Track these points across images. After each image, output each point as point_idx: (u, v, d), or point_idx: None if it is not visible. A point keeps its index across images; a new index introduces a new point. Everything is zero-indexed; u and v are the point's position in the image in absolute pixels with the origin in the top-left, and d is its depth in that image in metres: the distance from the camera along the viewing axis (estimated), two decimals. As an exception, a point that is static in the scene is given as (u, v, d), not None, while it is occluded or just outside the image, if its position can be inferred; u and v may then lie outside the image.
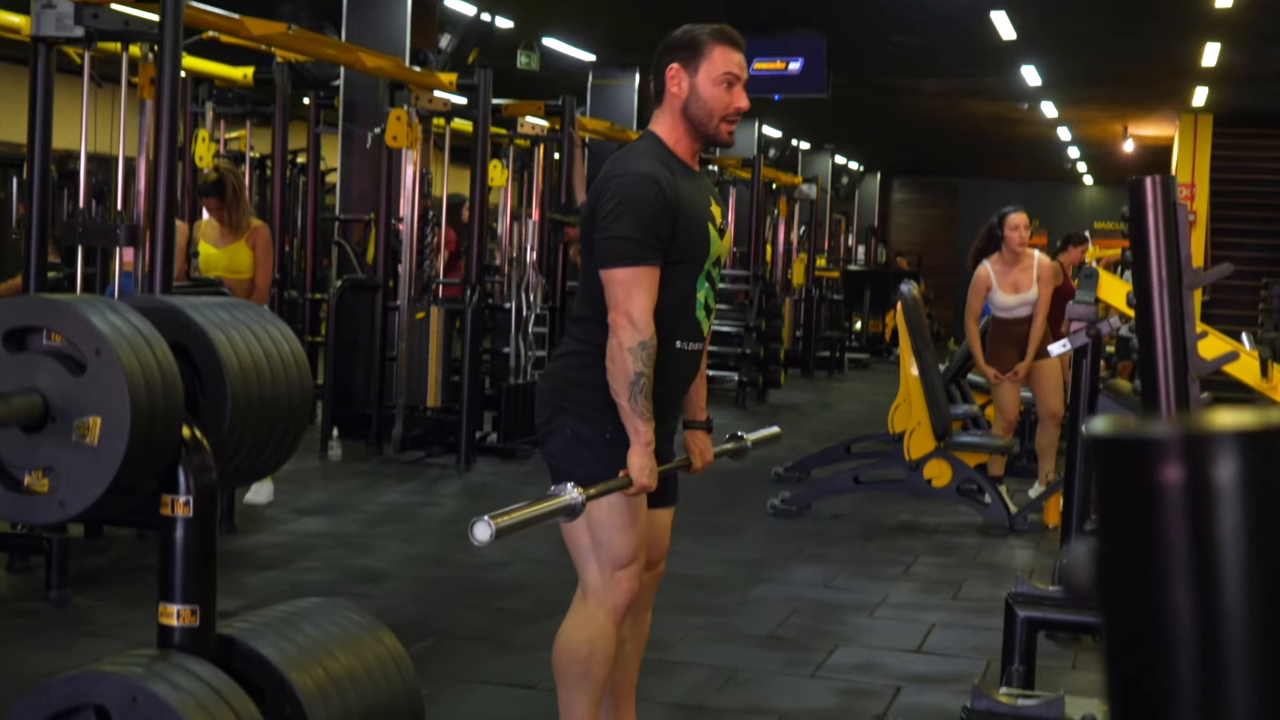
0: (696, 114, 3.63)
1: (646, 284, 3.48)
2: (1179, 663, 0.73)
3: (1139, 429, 0.75)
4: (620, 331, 3.45)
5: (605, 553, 3.58)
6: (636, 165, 3.55)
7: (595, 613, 3.62)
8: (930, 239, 30.39)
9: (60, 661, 4.62)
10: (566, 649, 3.66)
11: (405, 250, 9.96)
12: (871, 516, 8.48)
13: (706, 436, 3.94)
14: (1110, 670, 0.77)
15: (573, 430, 3.56)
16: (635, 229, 3.46)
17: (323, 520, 7.67)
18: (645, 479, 3.49)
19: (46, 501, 2.44)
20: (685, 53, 3.62)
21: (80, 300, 2.49)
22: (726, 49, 3.63)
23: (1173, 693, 0.73)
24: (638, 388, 3.45)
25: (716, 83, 3.61)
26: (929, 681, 5.13)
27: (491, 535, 2.94)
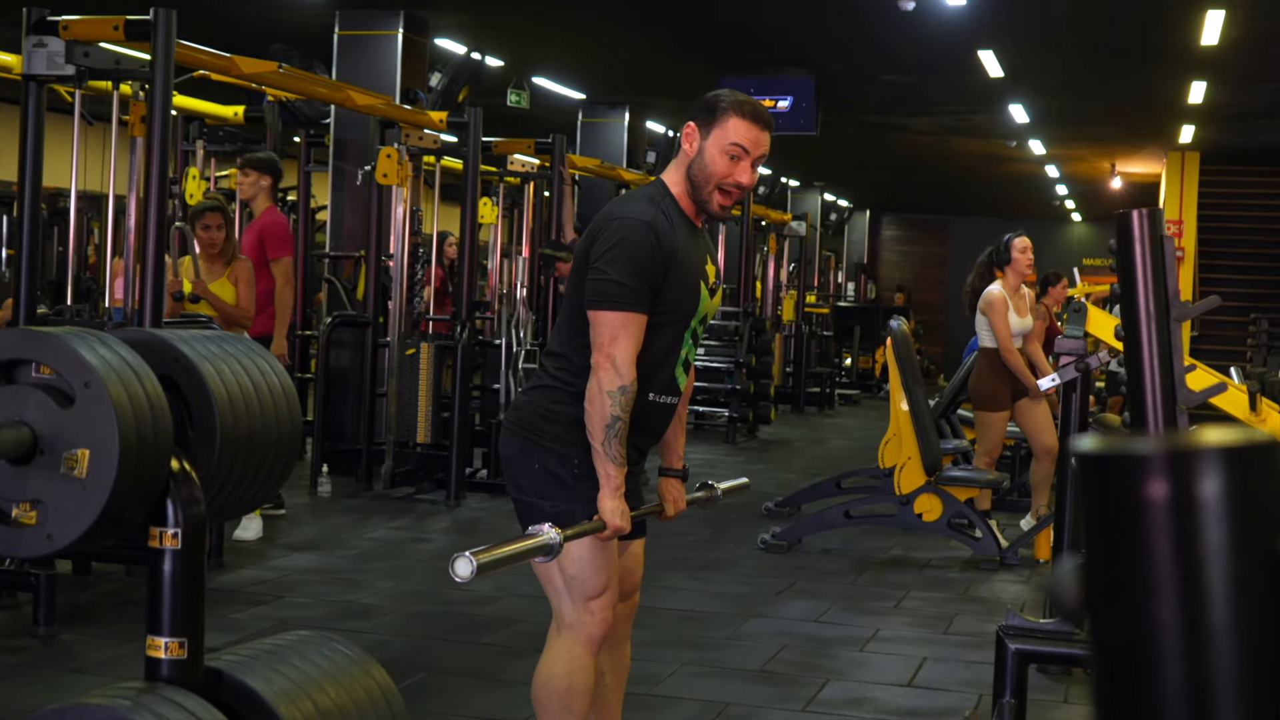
0: (696, 175, 3.66)
1: (633, 330, 3.51)
2: (1166, 678, 0.74)
3: (1124, 446, 0.75)
4: (601, 374, 3.48)
5: (577, 585, 3.60)
6: (637, 211, 3.58)
7: (571, 645, 3.64)
8: (920, 276, 30.47)
9: (47, 698, 4.59)
10: (545, 683, 3.67)
11: (395, 287, 9.97)
12: (862, 551, 8.47)
13: (680, 484, 3.97)
14: (1098, 687, 0.77)
15: (541, 464, 3.59)
16: (628, 274, 3.49)
17: (312, 556, 7.65)
18: (618, 521, 3.53)
19: (34, 534, 2.43)
20: (704, 115, 3.65)
21: (69, 333, 2.49)
22: (743, 122, 3.64)
23: (1160, 708, 0.74)
24: (613, 431, 3.49)
25: (723, 151, 3.63)
26: (920, 716, 5.12)
27: (472, 572, 2.97)
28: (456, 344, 9.68)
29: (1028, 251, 8.42)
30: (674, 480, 3.95)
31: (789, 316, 18.51)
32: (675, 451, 3.95)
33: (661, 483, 3.95)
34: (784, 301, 18.55)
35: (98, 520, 2.39)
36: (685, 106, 16.73)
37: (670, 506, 3.92)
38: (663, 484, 3.95)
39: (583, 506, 3.55)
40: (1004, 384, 8.44)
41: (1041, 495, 8.60)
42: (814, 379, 19.14)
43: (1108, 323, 6.91)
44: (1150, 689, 0.74)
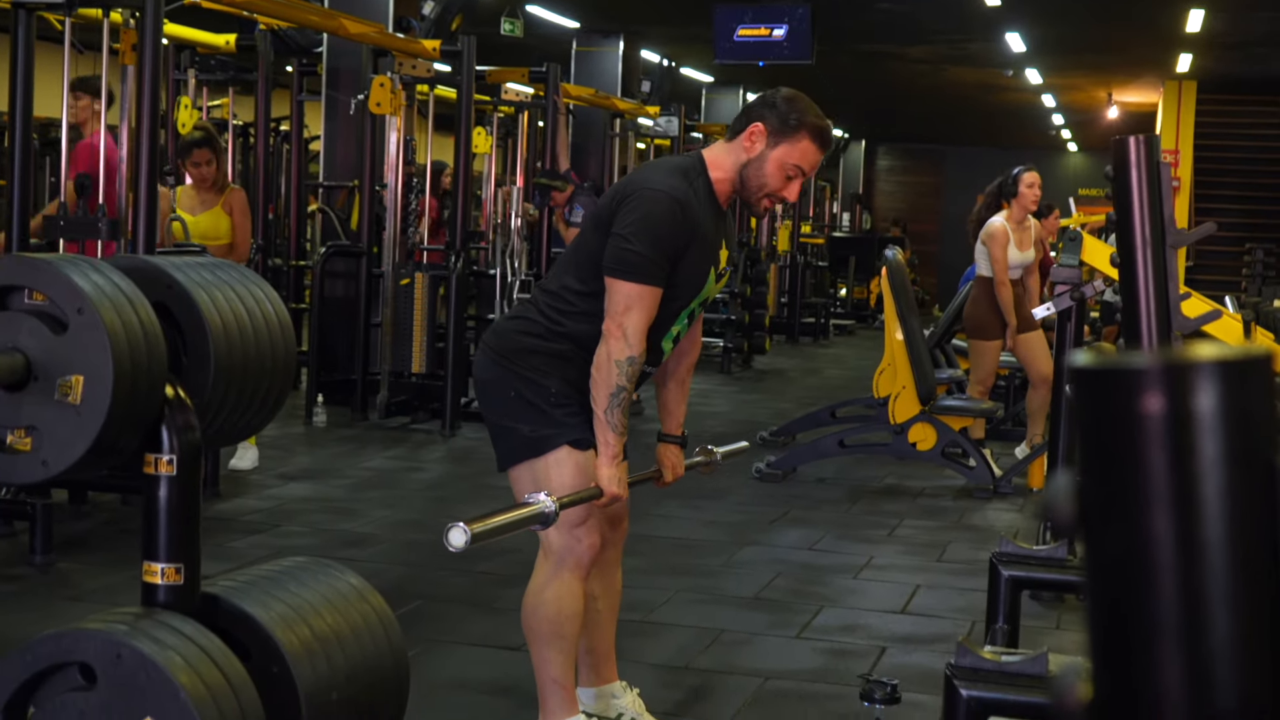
0: (749, 178, 3.65)
1: (648, 302, 3.53)
2: (1159, 591, 0.74)
3: (1120, 360, 0.75)
4: (612, 342, 3.51)
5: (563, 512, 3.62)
6: (670, 185, 3.57)
7: (559, 571, 3.67)
8: (915, 206, 30.37)
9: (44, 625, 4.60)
10: (535, 609, 3.71)
11: (389, 217, 9.94)
12: (856, 480, 8.50)
13: (679, 450, 4.01)
14: (1092, 601, 0.77)
15: (517, 392, 3.62)
16: (651, 247, 3.50)
17: (307, 485, 7.67)
18: (615, 489, 3.59)
19: (29, 460, 2.43)
20: (778, 123, 3.62)
21: (62, 259, 2.48)
22: (813, 146, 3.65)
23: (1154, 621, 0.74)
24: (616, 401, 3.53)
25: (784, 167, 3.64)
26: (913, 642, 5.15)
27: (467, 541, 3.03)
28: (451, 274, 9.66)
29: (1035, 187, 8.43)
30: (673, 446, 4.00)
31: (784, 247, 18.47)
32: (676, 419, 3.99)
33: (660, 449, 3.99)
34: (779, 232, 18.50)
35: (92, 446, 2.38)
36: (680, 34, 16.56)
37: (668, 472, 3.98)
38: (661, 450, 3.99)
39: (559, 432, 3.59)
40: (997, 313, 8.45)
41: (1037, 423, 8.63)
42: (809, 309, 19.13)
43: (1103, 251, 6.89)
44: (1144, 602, 0.74)
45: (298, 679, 2.51)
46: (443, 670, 4.60)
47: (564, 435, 3.61)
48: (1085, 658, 0.79)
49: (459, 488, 7.60)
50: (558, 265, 3.80)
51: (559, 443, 3.60)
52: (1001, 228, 8.43)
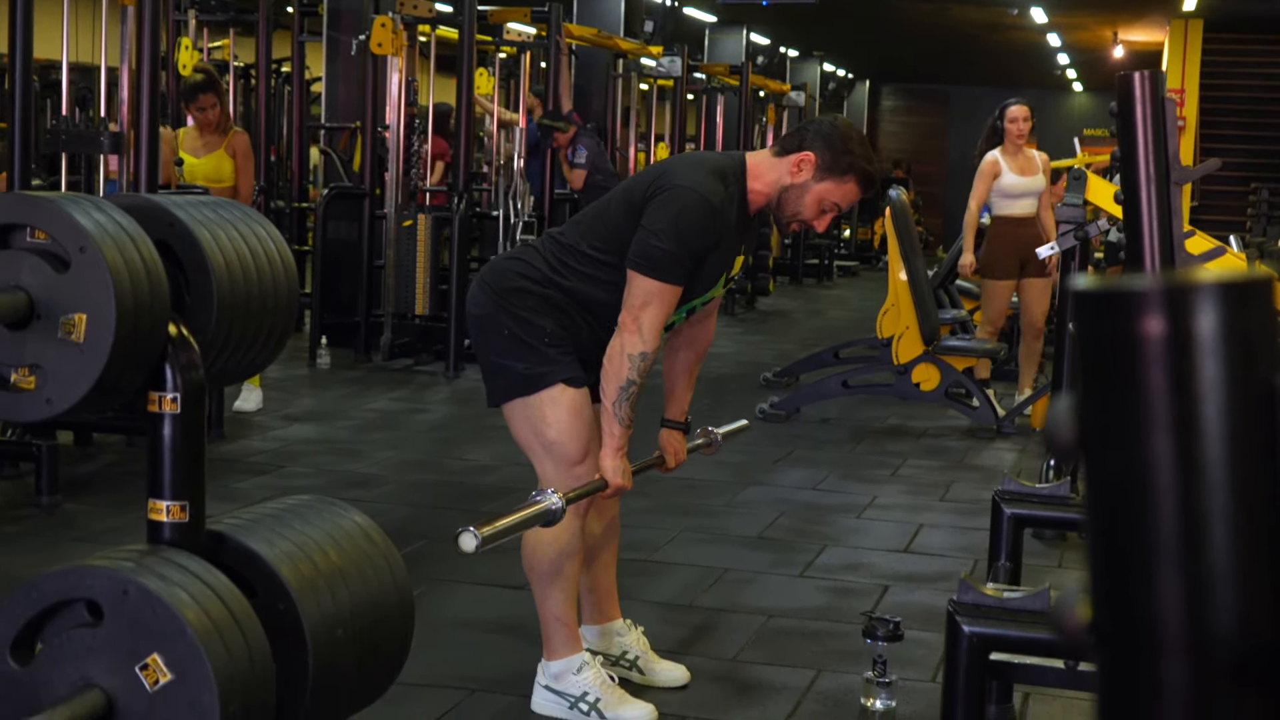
0: (786, 201, 3.66)
1: (667, 300, 3.54)
2: (1159, 514, 0.74)
3: (1122, 282, 0.75)
4: (626, 335, 3.52)
5: (558, 450, 3.64)
6: (708, 187, 3.55)
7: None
8: (919, 147, 30.26)
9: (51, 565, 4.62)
10: (535, 549, 3.74)
11: (391, 158, 9.91)
12: (860, 420, 8.51)
13: (681, 436, 4.03)
14: (1092, 524, 0.78)
15: (510, 331, 3.62)
16: (679, 247, 3.50)
17: (312, 427, 7.68)
18: (619, 480, 3.63)
19: (33, 399, 2.43)
20: (831, 158, 3.61)
21: (63, 197, 2.47)
22: (856, 189, 3.67)
23: (1153, 543, 0.74)
24: (626, 394, 3.55)
25: (822, 202, 3.65)
26: (916, 580, 5.17)
27: (477, 545, 3.04)
28: (454, 215, 9.64)
29: (1017, 121, 8.39)
30: (676, 432, 4.02)
31: (787, 188, 18.38)
32: (680, 405, 4.01)
33: (663, 434, 4.01)
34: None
35: (96, 384, 2.39)
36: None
37: (671, 458, 4.01)
38: (664, 435, 4.01)
39: (552, 369, 3.60)
40: (1010, 253, 8.41)
41: (1027, 373, 8.62)
42: (812, 251, 19.09)
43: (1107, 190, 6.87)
44: (1143, 523, 0.74)
45: (303, 615, 2.53)
46: (447, 609, 4.62)
47: (559, 373, 3.62)
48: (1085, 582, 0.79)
49: (463, 429, 7.61)
50: (574, 222, 3.79)
51: (554, 380, 3.61)
52: (990, 161, 8.45)
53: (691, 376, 4.01)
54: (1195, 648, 0.74)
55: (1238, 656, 0.74)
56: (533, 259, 3.70)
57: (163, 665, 2.29)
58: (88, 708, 2.29)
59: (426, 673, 3.88)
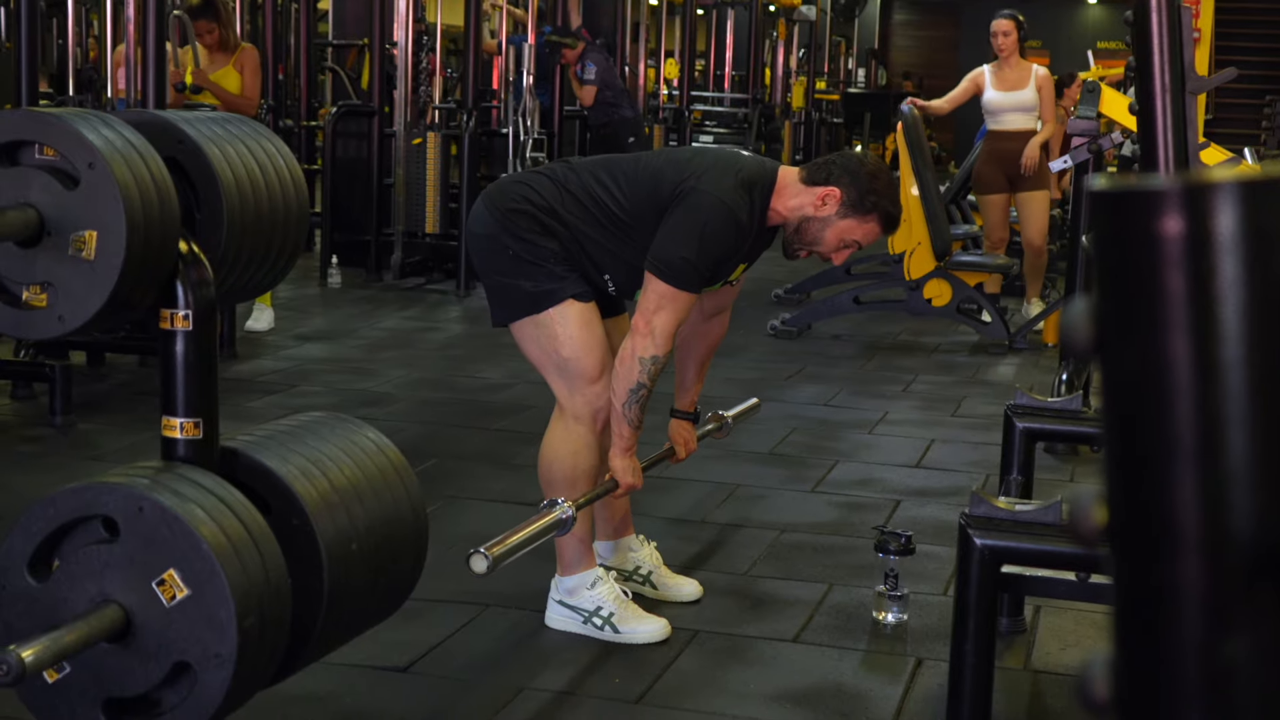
0: (805, 231, 3.66)
1: (682, 307, 3.53)
2: (1177, 414, 0.73)
3: (1140, 182, 0.74)
4: (639, 339, 3.51)
5: (572, 366, 3.65)
6: (735, 200, 3.54)
7: (574, 426, 3.70)
8: (931, 61, 29.96)
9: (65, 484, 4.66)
10: (551, 464, 3.75)
11: (400, 76, 9.85)
12: (871, 336, 8.51)
13: (690, 426, 4.06)
14: (1108, 427, 0.77)
15: (515, 252, 3.61)
16: (699, 256, 3.49)
17: (324, 346, 7.70)
18: (630, 479, 3.66)
19: (45, 316, 2.43)
20: (855, 197, 3.61)
21: (72, 114, 2.46)
22: (878, 229, 3.68)
23: (1171, 444, 0.74)
24: (636, 396, 3.55)
25: (843, 239, 3.65)
26: (927, 495, 5.19)
27: (488, 566, 3.10)
28: (463, 133, 9.59)
29: (998, 36, 8.42)
30: (685, 423, 4.05)
31: (798, 103, 18.28)
32: (690, 396, 4.04)
33: (672, 425, 4.05)
34: (793, 88, 18.31)
35: (108, 301, 2.39)
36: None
37: (681, 449, 4.04)
38: (673, 426, 4.05)
39: (560, 286, 3.60)
40: (996, 168, 8.49)
41: (1033, 285, 8.65)
42: (823, 167, 18.97)
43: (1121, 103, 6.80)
44: (1160, 424, 0.74)
45: (317, 531, 2.54)
46: (461, 526, 4.65)
47: (567, 289, 3.61)
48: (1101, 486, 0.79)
49: (474, 346, 7.61)
50: (594, 164, 3.77)
51: (563, 296, 3.61)
52: (976, 73, 8.60)
53: (703, 369, 4.03)
54: (1211, 548, 0.74)
55: (1254, 557, 0.74)
56: (540, 185, 3.67)
57: (179, 580, 2.31)
58: (106, 622, 2.31)
59: (440, 589, 3.90)
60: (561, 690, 3.48)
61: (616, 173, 3.68)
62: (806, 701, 3.42)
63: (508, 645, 3.75)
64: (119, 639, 2.34)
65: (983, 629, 2.92)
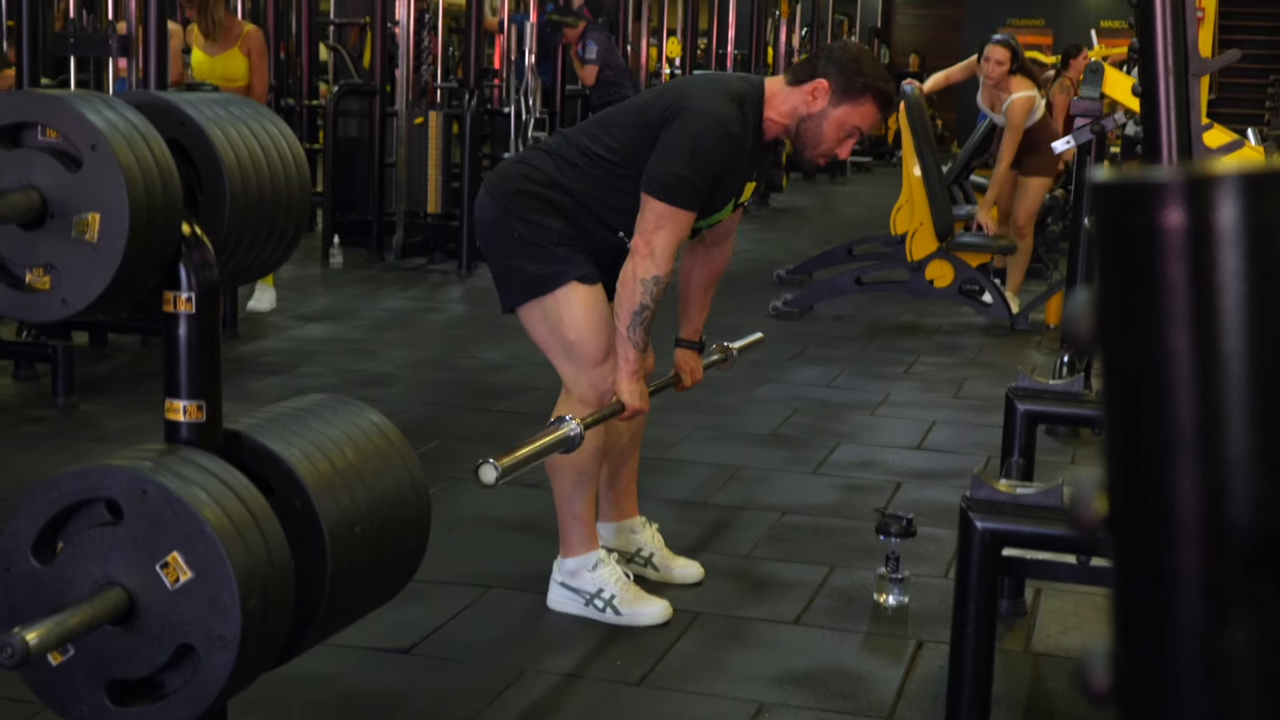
0: (806, 132, 3.63)
1: (682, 225, 3.52)
2: (1178, 405, 0.74)
3: (1141, 175, 0.74)
4: (639, 259, 3.50)
5: (579, 349, 3.65)
6: (726, 113, 3.53)
7: (579, 409, 3.70)
8: (934, 40, 29.89)
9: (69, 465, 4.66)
10: None
11: (402, 55, 9.84)
12: (873, 317, 8.51)
13: (696, 355, 4.06)
14: (1109, 417, 0.78)
15: (520, 234, 3.62)
16: (693, 172, 3.48)
17: (326, 326, 7.70)
18: (637, 403, 3.64)
19: (49, 299, 2.44)
20: (844, 83, 3.58)
21: (74, 95, 2.46)
22: (875, 109, 3.63)
23: (1170, 434, 0.74)
24: (639, 318, 3.54)
25: (842, 128, 3.62)
26: (929, 477, 5.20)
27: (497, 476, 3.09)
28: (465, 112, 9.58)
29: (989, 61, 8.32)
30: (690, 352, 4.05)
31: (801, 84, 18.23)
32: (695, 325, 4.03)
33: (678, 353, 4.04)
34: (796, 68, 18.26)
35: (111, 284, 2.38)
36: None
37: (687, 377, 4.04)
38: (679, 355, 4.03)
39: (564, 268, 3.60)
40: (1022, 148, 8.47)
41: (1014, 277, 8.56)
42: (826, 147, 18.95)
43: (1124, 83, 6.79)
44: (1161, 415, 0.74)
45: (320, 513, 2.54)
46: (463, 507, 4.65)
47: (571, 271, 3.61)
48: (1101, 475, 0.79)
49: (476, 327, 7.62)
50: (584, 124, 3.79)
51: (567, 279, 3.61)
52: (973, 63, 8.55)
53: (707, 296, 4.02)
54: (1211, 537, 0.75)
55: (1254, 545, 0.75)
56: (538, 161, 3.69)
57: (183, 563, 2.31)
58: (110, 605, 2.32)
59: (443, 570, 3.91)
60: (564, 672, 3.49)
61: (605, 123, 3.70)
62: (807, 683, 3.43)
63: (510, 627, 3.76)
64: (123, 621, 2.35)
65: (983, 612, 2.93)
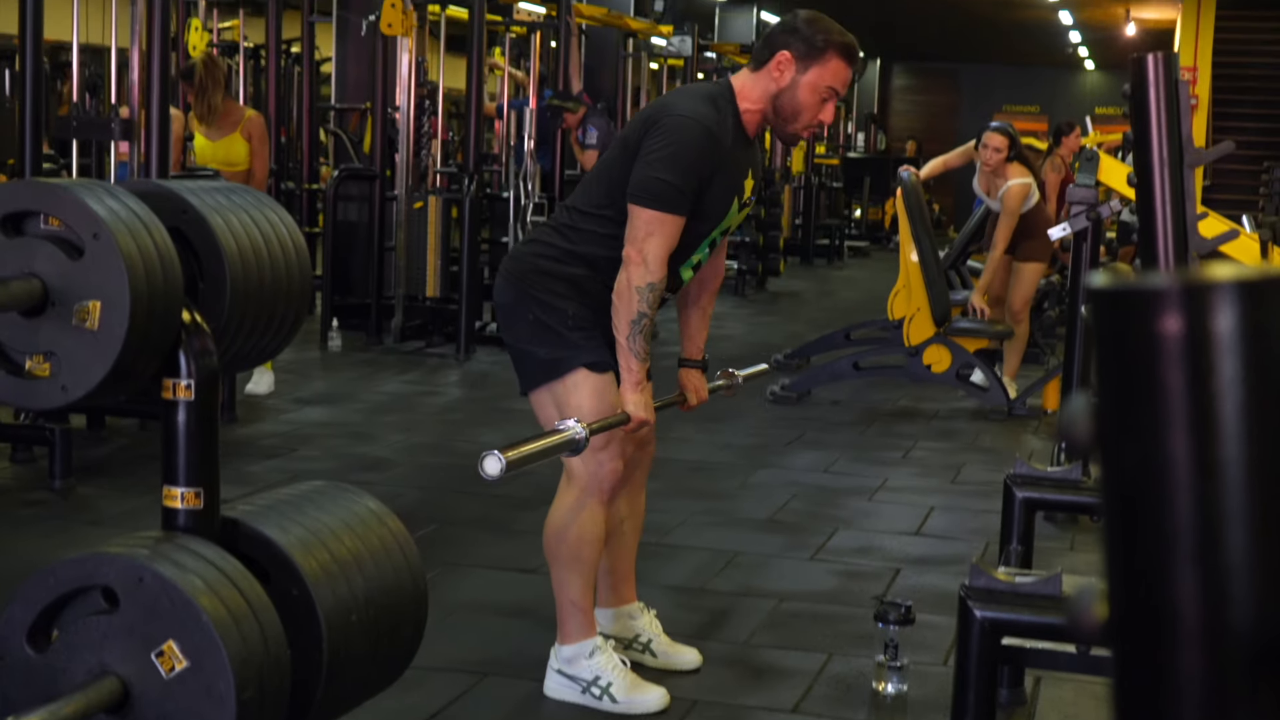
0: (784, 107, 3.63)
1: (670, 230, 3.52)
2: (1177, 512, 0.74)
3: (1138, 281, 0.75)
4: (632, 268, 3.50)
5: None
6: (700, 112, 3.55)
7: (581, 497, 3.69)
8: (930, 125, 30.15)
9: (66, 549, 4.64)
10: (556, 533, 3.73)
11: (402, 140, 9.91)
12: (871, 402, 8.51)
13: (701, 375, 4.04)
14: (1108, 523, 0.78)
15: (535, 317, 3.63)
16: (677, 175, 3.49)
17: (324, 410, 7.70)
18: (642, 413, 3.60)
19: (49, 386, 2.44)
20: (804, 47, 3.59)
21: (77, 184, 2.47)
22: (843, 64, 3.62)
23: (1170, 540, 0.74)
24: (638, 327, 3.53)
25: (817, 90, 3.62)
26: (928, 563, 5.18)
27: (501, 469, 3.04)
28: (464, 197, 9.64)
29: (988, 148, 8.31)
30: (695, 371, 4.02)
31: (798, 168, 18.37)
32: (696, 344, 4.01)
33: (682, 373, 4.01)
34: (793, 153, 18.40)
35: (111, 371, 2.39)
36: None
37: (692, 396, 4.00)
38: (683, 374, 4.01)
39: (574, 354, 3.61)
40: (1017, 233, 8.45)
41: (1011, 362, 8.55)
42: (823, 231, 19.06)
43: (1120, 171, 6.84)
44: (1161, 521, 0.74)
45: (317, 601, 2.53)
46: (460, 593, 4.63)
47: (580, 358, 3.62)
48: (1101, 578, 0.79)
49: (474, 411, 7.62)
50: (579, 187, 3.80)
51: (575, 365, 3.61)
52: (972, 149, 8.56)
53: (706, 314, 4.00)
54: (1212, 641, 0.75)
55: (1254, 650, 0.74)
56: (546, 236, 3.71)
57: (178, 652, 2.30)
58: (104, 695, 2.30)
59: (439, 657, 3.89)
60: (560, 760, 3.46)
61: (593, 179, 3.72)
62: (806, 773, 3.40)
63: (507, 714, 3.73)
64: (117, 711, 2.33)
65: (983, 701, 2.91)
